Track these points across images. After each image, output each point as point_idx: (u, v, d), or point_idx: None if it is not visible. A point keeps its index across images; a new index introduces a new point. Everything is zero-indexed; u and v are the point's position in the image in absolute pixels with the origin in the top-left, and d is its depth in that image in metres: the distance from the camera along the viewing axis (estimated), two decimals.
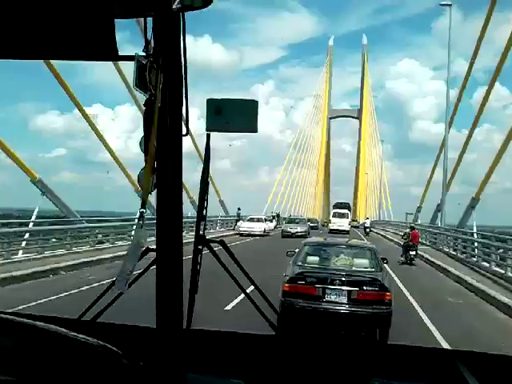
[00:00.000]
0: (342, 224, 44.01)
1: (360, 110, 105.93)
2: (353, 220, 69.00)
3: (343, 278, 7.47)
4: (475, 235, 20.56)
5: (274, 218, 44.62)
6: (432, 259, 20.13)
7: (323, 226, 65.00)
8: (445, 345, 7.58)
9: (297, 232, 32.19)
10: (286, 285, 7.51)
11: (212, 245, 1.68)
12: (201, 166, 1.69)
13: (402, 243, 20.64)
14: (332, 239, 11.48)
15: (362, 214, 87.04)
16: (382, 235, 42.01)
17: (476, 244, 19.04)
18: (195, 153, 26.17)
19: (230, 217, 40.32)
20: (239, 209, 39.74)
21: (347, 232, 40.90)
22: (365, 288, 7.35)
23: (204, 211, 1.69)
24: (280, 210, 63.59)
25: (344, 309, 7.30)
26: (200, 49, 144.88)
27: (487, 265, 16.45)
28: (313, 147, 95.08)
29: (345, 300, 7.33)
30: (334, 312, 7.28)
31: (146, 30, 1.42)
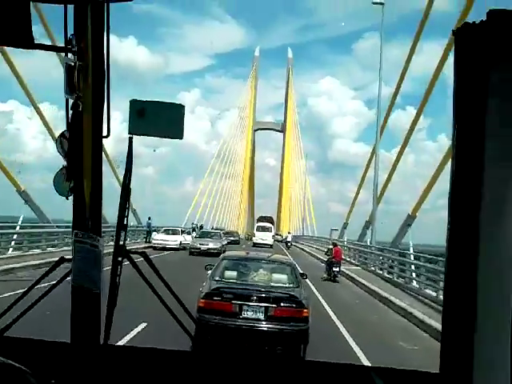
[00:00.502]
0: (266, 238, 44.52)
1: (284, 124, 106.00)
2: (276, 234, 67.81)
3: (260, 294, 7.38)
4: (412, 256, 18.63)
5: (194, 229, 40.56)
6: (364, 282, 18.11)
7: (247, 239, 62.96)
8: None
9: (208, 249, 26.91)
10: (202, 300, 7.27)
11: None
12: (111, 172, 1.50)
13: (326, 259, 20.33)
14: (252, 253, 11.10)
15: (285, 227, 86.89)
16: (303, 250, 41.55)
17: (413, 267, 17.10)
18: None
19: (142, 227, 35.82)
20: (150, 218, 34.88)
21: (271, 246, 41.29)
22: (282, 304, 7.31)
23: (125, 220, 1.65)
24: (203, 221, 60.67)
25: (261, 326, 7.20)
26: (124, 50, 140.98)
27: (434, 294, 14.25)
28: (237, 159, 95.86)
29: (262, 316, 7.24)
30: (250, 329, 7.15)
31: (66, 19, 1.35)
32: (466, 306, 1.05)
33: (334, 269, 18.92)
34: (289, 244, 45.60)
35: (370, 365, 6.64)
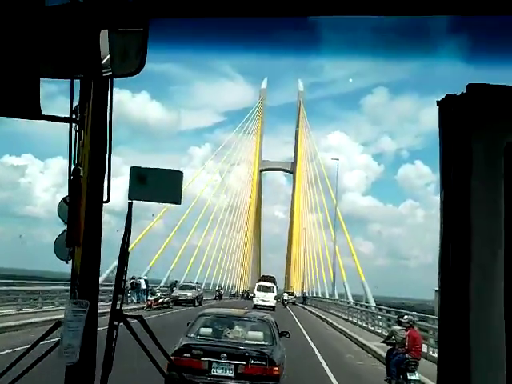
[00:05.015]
0: (268, 299, 44.67)
1: (294, 164, 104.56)
2: (287, 292, 65.10)
3: (231, 352, 8.14)
4: None
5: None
6: None
7: (244, 297, 60.71)
8: None
9: None
10: (172, 357, 7.68)
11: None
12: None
13: (387, 352, 12.90)
14: (230, 310, 11.79)
15: (297, 286, 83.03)
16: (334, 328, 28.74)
17: None
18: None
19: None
20: None
21: (273, 308, 39.94)
22: (252, 362, 8.06)
23: (122, 284, 1.84)
24: (195, 278, 58.29)
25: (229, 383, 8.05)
26: (137, 105, 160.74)
27: None
28: (243, 210, 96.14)
29: (231, 374, 7.98)
30: None
31: (72, 92, 1.61)
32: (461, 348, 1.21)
33: (410, 376, 11.40)
34: (285, 303, 51.41)
35: None
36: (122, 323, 1.78)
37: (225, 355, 8.03)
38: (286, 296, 54.67)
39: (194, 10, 1.51)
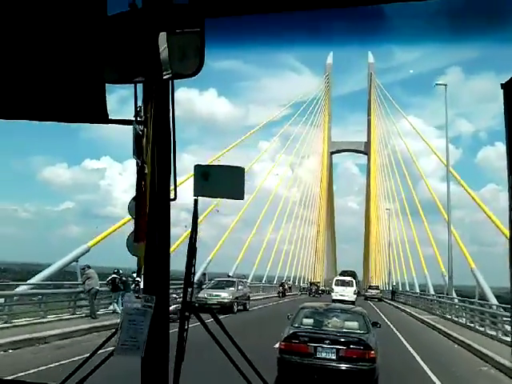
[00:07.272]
0: (347, 294, 46.11)
1: (368, 145, 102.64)
2: (369, 287, 63.56)
3: (333, 338, 10.26)
4: None
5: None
6: None
7: (314, 293, 59.07)
8: None
9: None
10: (283, 343, 10.38)
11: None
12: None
13: None
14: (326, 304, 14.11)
15: (378, 278, 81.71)
16: None
17: None
18: None
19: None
20: None
21: (352, 303, 37.75)
22: (351, 346, 10.09)
23: (191, 277, 1.97)
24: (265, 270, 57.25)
25: (332, 365, 9.98)
26: (205, 104, 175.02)
27: None
28: (312, 200, 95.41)
29: (334, 357, 10.01)
30: (323, 367, 9.97)
31: (136, 96, 1.77)
32: None
33: None
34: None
35: None
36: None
37: (328, 341, 10.10)
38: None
39: (246, 7, 1.61)
